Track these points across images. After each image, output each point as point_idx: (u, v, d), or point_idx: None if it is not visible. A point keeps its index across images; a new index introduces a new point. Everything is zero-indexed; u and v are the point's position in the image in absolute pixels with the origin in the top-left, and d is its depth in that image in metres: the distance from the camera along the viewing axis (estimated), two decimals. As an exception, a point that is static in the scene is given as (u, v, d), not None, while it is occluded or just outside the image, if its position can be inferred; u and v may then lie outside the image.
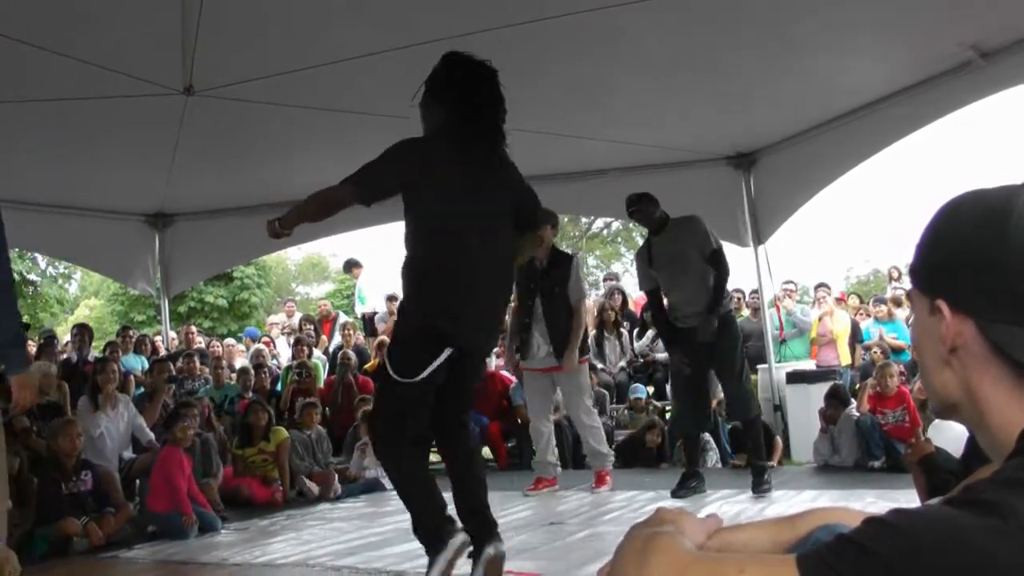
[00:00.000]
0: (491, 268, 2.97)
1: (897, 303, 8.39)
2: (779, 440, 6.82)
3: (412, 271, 2.96)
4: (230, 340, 10.72)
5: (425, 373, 2.83)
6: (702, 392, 5.35)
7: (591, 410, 5.87)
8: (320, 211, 2.99)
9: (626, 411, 7.82)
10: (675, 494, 5.20)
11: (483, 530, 3.03)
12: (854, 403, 6.41)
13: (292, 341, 8.99)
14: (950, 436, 3.78)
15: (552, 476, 5.85)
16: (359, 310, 10.61)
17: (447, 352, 2.84)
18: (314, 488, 6.22)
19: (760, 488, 5.04)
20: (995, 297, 0.79)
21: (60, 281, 21.27)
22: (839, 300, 9.21)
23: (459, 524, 2.95)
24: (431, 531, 2.93)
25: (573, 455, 7.21)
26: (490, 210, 2.96)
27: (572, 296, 5.64)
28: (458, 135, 2.94)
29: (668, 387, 7.74)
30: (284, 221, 2.99)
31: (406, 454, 2.99)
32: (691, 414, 5.38)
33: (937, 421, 4.90)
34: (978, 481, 0.74)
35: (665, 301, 5.38)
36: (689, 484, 5.25)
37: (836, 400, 6.37)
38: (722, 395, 6.12)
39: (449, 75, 3.01)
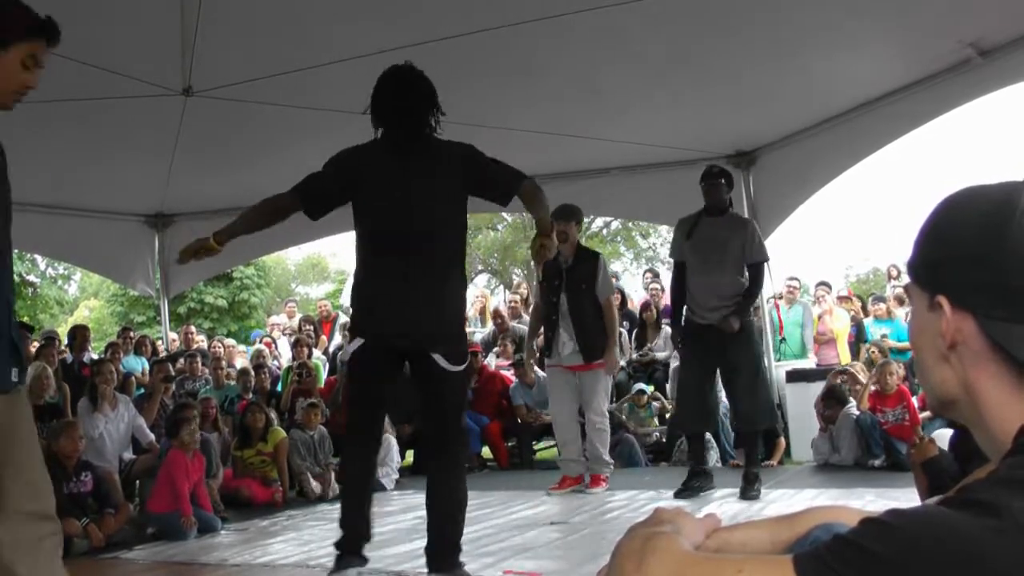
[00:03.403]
0: (422, 265, 3.05)
1: (900, 301, 8.37)
2: (782, 441, 6.81)
3: (356, 270, 3.26)
4: (230, 340, 10.71)
5: (347, 355, 3.15)
6: (706, 391, 5.25)
7: (604, 413, 5.81)
8: (265, 219, 3.17)
9: (626, 404, 7.81)
10: (678, 494, 5.13)
11: (438, 560, 3.10)
12: (852, 402, 6.41)
13: (292, 341, 8.99)
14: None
15: (578, 475, 5.78)
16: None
17: (359, 341, 3.10)
18: (317, 487, 6.22)
19: (748, 495, 4.99)
20: (996, 294, 0.79)
21: (59, 282, 21.29)
22: (845, 298, 9.18)
23: (361, 559, 3.18)
24: (343, 536, 3.17)
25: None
26: (416, 206, 3.04)
27: (601, 293, 5.60)
28: (390, 142, 3.13)
29: (668, 386, 7.73)
30: (220, 234, 3.11)
31: (346, 450, 3.32)
32: (694, 412, 5.28)
33: (936, 431, 4.90)
34: (975, 480, 0.74)
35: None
36: (692, 484, 5.16)
37: (833, 400, 6.37)
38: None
39: (376, 92, 3.16)
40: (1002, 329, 0.79)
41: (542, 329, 6.05)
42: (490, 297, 13.08)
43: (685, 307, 5.31)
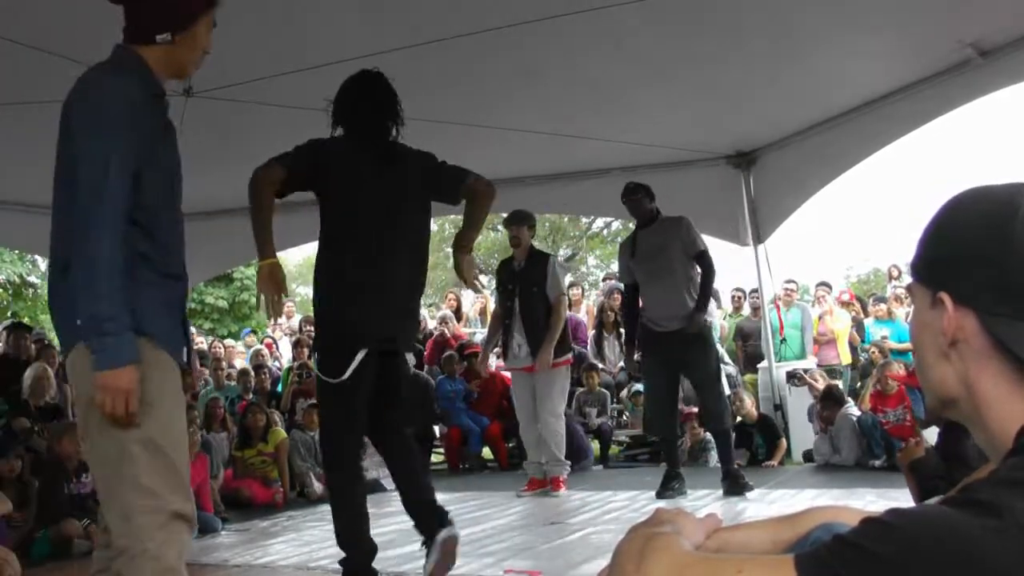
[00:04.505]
0: (396, 268, 3.02)
1: (900, 301, 8.36)
2: (783, 441, 6.82)
3: (322, 274, 3.08)
4: (230, 341, 10.71)
5: (347, 373, 2.91)
6: (673, 397, 5.33)
7: (559, 415, 5.79)
8: (256, 195, 2.97)
9: (628, 402, 7.81)
10: (659, 495, 5.20)
11: (432, 518, 3.11)
12: (851, 402, 6.42)
13: (292, 342, 8.99)
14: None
15: (544, 477, 5.84)
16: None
17: (362, 353, 2.92)
18: (319, 488, 6.22)
19: (734, 492, 5.05)
20: (998, 292, 0.79)
21: (60, 283, 21.21)
22: (847, 302, 9.17)
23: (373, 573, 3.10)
24: (350, 556, 3.09)
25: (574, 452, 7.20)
26: (392, 211, 3.02)
27: (550, 293, 5.62)
28: (355, 143, 3.09)
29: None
30: (260, 252, 3.02)
31: (336, 475, 3.14)
32: (663, 418, 5.33)
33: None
34: (976, 480, 0.74)
35: (640, 300, 5.40)
36: (672, 485, 5.22)
37: (831, 401, 6.37)
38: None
39: (341, 99, 3.18)
40: (1004, 326, 0.80)
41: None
42: (490, 298, 13.07)
43: (641, 319, 5.36)
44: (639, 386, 7.80)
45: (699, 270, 5.23)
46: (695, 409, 6.61)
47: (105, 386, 1.82)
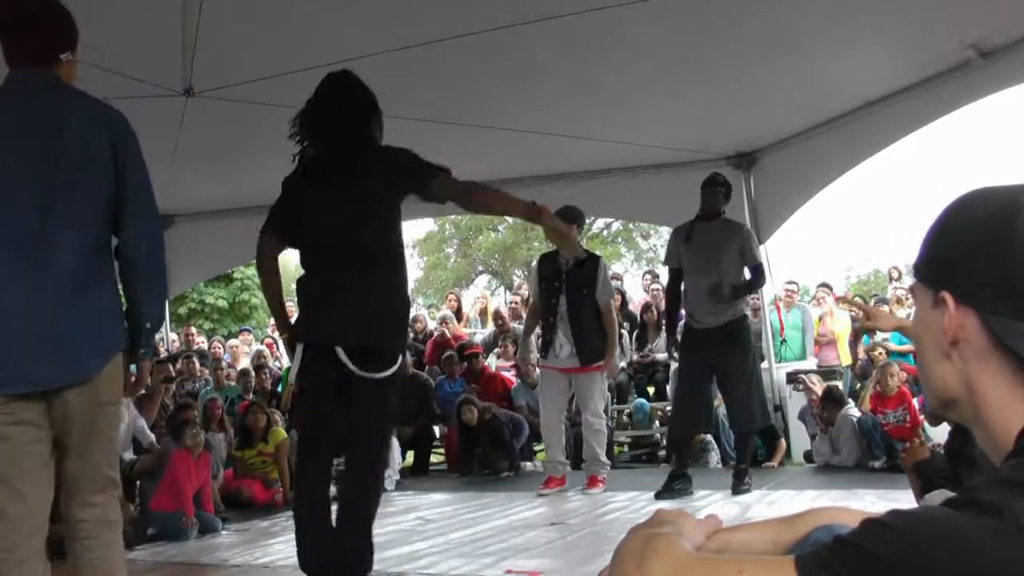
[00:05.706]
0: (343, 274, 2.97)
1: (900, 302, 8.36)
2: (783, 442, 6.82)
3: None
4: (234, 341, 10.70)
5: (291, 377, 3.05)
6: (703, 395, 5.30)
7: (601, 414, 5.83)
8: (264, 269, 3.22)
9: (627, 416, 7.83)
10: (659, 495, 5.14)
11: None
12: (851, 403, 6.41)
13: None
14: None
15: (562, 475, 5.83)
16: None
17: (300, 348, 3.01)
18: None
19: (739, 490, 5.09)
20: (1000, 291, 0.79)
21: (61, 283, 21.18)
22: (842, 299, 9.17)
23: None
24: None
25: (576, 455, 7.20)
26: (336, 218, 3.01)
27: (601, 296, 5.61)
28: (311, 160, 3.20)
29: (669, 387, 7.76)
30: (287, 339, 3.17)
31: (299, 468, 3.20)
32: (688, 415, 5.32)
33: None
34: (976, 481, 0.74)
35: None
36: (674, 485, 5.18)
37: (831, 402, 6.36)
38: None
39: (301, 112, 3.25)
40: (1004, 325, 0.80)
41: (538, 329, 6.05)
42: (491, 298, 13.08)
43: (684, 313, 5.37)
44: (643, 401, 7.82)
45: (747, 276, 5.24)
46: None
47: (147, 370, 2.34)
